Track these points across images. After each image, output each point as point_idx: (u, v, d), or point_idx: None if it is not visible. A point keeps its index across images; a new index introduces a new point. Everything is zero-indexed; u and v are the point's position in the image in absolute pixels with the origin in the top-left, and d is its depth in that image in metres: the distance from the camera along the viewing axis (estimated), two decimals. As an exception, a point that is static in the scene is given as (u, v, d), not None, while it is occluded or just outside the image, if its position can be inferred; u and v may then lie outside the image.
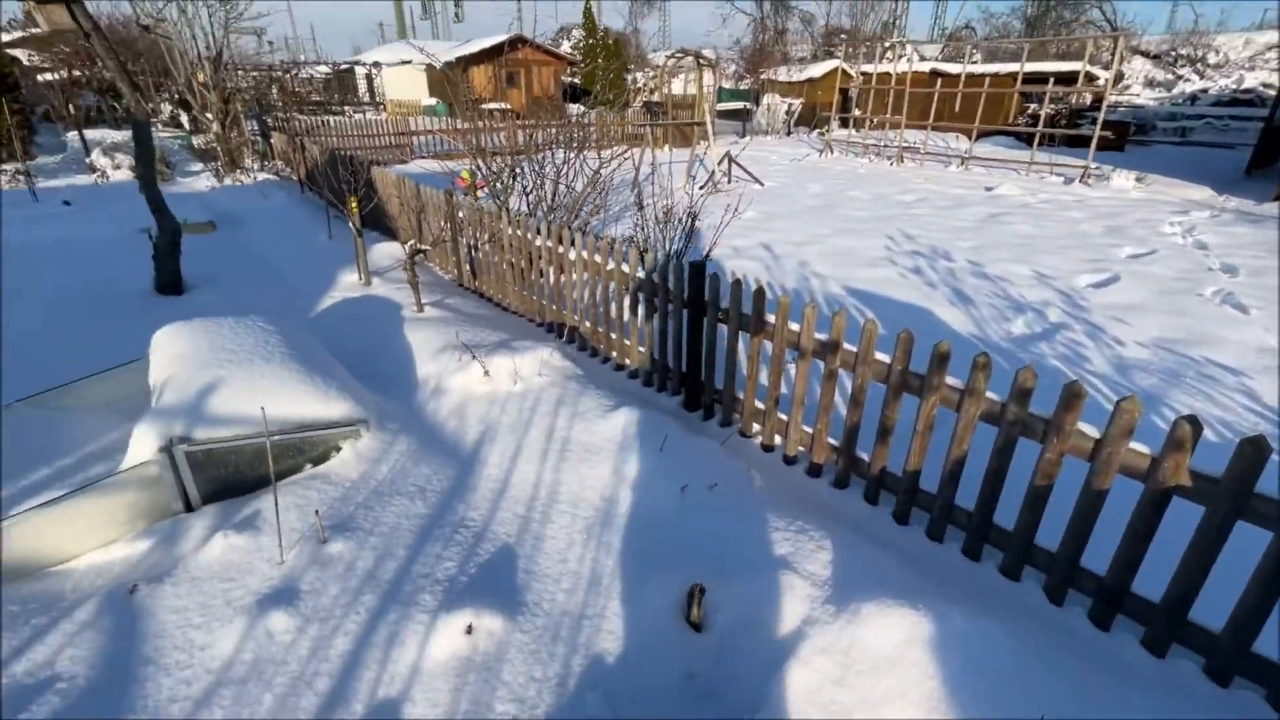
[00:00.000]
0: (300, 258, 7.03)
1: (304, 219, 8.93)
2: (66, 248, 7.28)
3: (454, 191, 5.99)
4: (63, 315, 5.23)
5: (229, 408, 3.00)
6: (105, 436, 3.30)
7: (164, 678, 2.07)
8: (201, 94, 12.37)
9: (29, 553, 2.58)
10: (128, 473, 2.73)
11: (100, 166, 11.71)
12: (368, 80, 34.49)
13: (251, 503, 2.91)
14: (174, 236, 5.43)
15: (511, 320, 5.28)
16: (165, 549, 2.66)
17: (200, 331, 3.55)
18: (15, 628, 2.26)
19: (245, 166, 12.82)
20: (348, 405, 3.33)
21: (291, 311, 5.29)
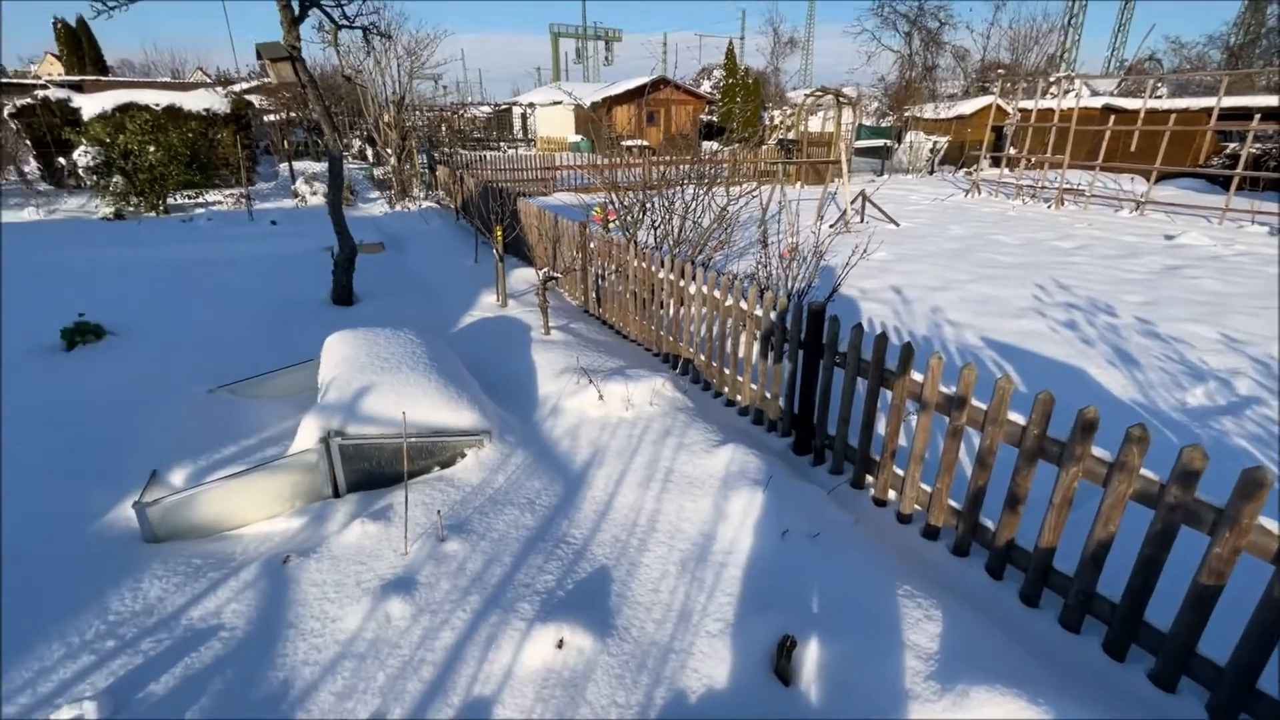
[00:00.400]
0: (449, 278, 7.77)
1: (456, 243, 9.87)
2: (270, 261, 8.60)
3: (587, 223, 6.36)
4: (261, 317, 6.17)
5: (377, 409, 3.38)
6: (281, 423, 3.85)
7: (300, 641, 2.35)
8: (385, 132, 14.21)
9: (213, 516, 3.06)
10: (293, 457, 3.16)
11: (301, 192, 13.79)
12: (522, 119, 37.59)
13: (386, 496, 3.24)
14: (350, 255, 6.26)
15: (629, 348, 5.46)
16: (314, 528, 3.04)
17: (361, 339, 4.04)
18: (197, 577, 2.68)
19: (413, 195, 14.46)
20: (475, 416, 3.62)
21: (437, 326, 5.86)
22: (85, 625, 2.41)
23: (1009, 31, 35.55)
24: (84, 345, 5.08)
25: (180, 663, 2.24)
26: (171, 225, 11.04)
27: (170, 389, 4.23)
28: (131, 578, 2.67)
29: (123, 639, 2.35)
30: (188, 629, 2.41)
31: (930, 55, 33.57)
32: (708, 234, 6.59)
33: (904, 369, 2.87)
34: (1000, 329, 5.91)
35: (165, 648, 2.31)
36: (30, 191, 14.09)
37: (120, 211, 11.55)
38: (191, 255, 8.85)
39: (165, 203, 12.09)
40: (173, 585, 2.63)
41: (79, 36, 29.98)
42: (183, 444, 3.57)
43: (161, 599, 2.56)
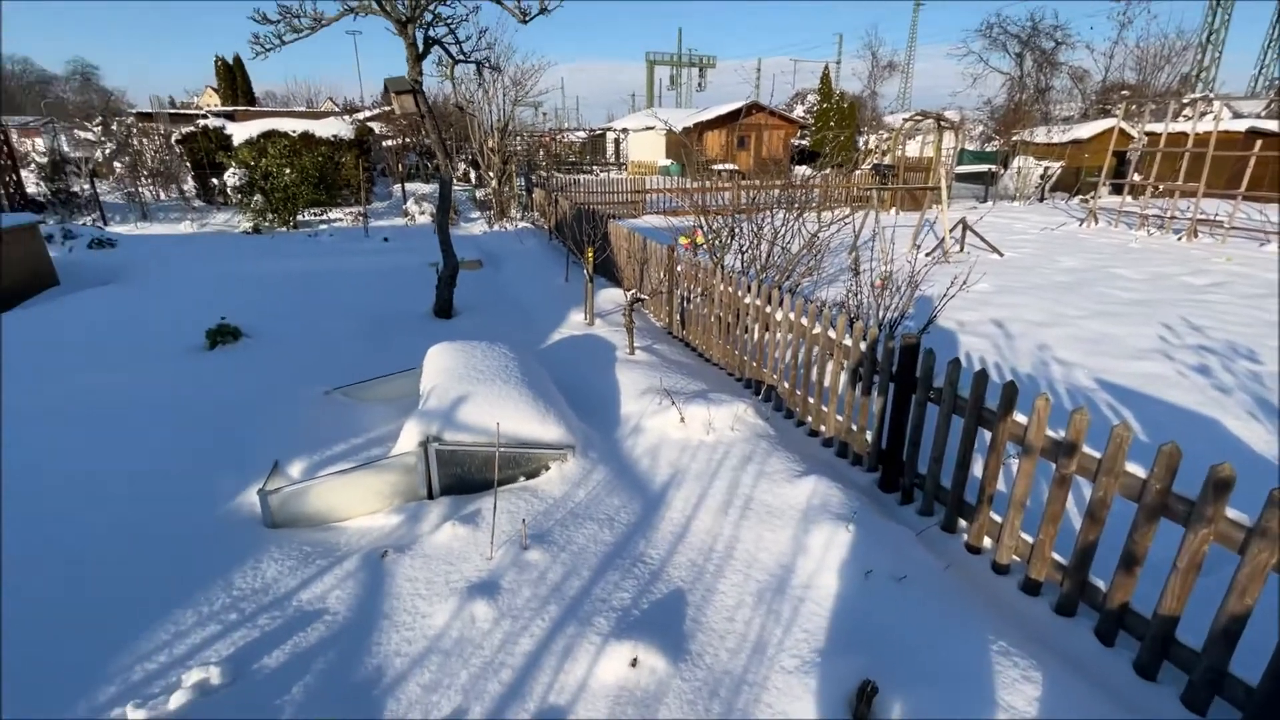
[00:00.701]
0: (540, 296, 8.10)
1: (548, 263, 10.28)
2: (381, 274, 9.32)
3: (675, 246, 6.46)
4: (372, 326, 6.68)
5: (472, 418, 3.58)
6: (385, 425, 4.14)
7: (394, 632, 2.51)
8: (489, 156, 15.09)
9: (323, 508, 3.33)
10: (394, 459, 3.40)
11: (410, 212, 14.86)
12: (615, 144, 38.72)
13: (475, 501, 3.41)
14: (453, 272, 6.68)
15: (712, 371, 5.47)
16: (409, 526, 3.24)
17: (460, 351, 4.30)
18: (307, 563, 2.93)
19: (510, 216, 15.22)
20: (561, 431, 3.75)
21: (528, 341, 6.12)
22: (214, 597, 2.69)
23: (1136, 50, 32.91)
24: (223, 346, 5.71)
25: (290, 640, 2.46)
26: (299, 240, 12.21)
27: (292, 388, 4.66)
28: (253, 558, 2.95)
29: (243, 613, 2.61)
30: (297, 610, 2.63)
31: (1044, 77, 31.68)
32: (796, 260, 6.52)
33: (1007, 409, 2.72)
34: (1117, 371, 5.44)
35: (278, 625, 2.54)
36: (187, 207, 16.03)
37: (258, 226, 12.92)
38: (314, 267, 9.74)
39: (295, 219, 13.40)
40: (286, 569, 2.89)
41: (234, 72, 33.98)
42: (300, 438, 3.92)
43: (276, 580, 2.81)
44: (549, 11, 5.44)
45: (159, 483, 3.57)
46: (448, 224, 6.67)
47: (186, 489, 3.51)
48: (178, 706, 2.12)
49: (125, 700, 2.15)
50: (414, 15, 5.47)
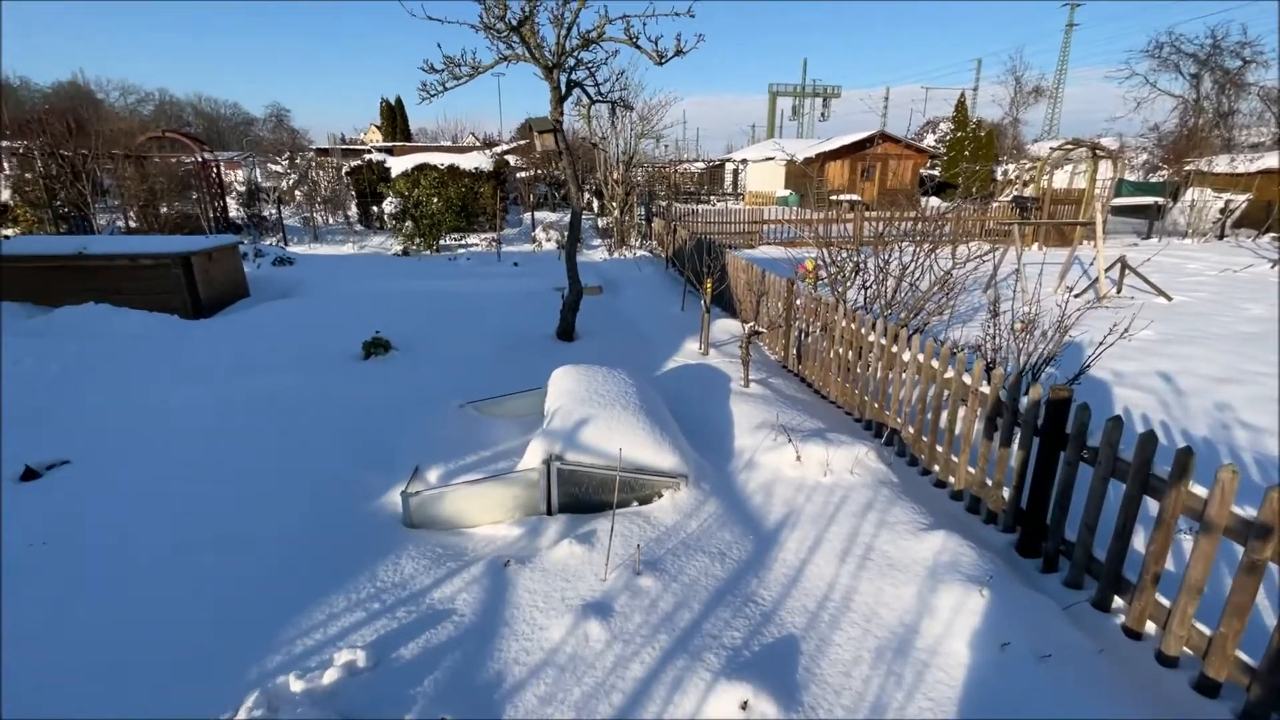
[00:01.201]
0: (657, 323, 8.29)
1: (665, 291, 10.51)
2: (510, 297, 9.99)
3: (795, 279, 6.38)
4: (501, 345, 7.17)
5: (591, 440, 3.73)
6: (511, 440, 4.41)
7: (513, 641, 2.65)
8: (613, 187, 15.77)
9: (454, 514, 3.60)
10: (519, 473, 3.61)
11: (538, 239, 15.83)
12: (734, 174, 38.96)
13: (590, 521, 3.53)
14: (577, 298, 7.03)
15: (829, 410, 5.30)
16: (529, 539, 3.42)
17: (582, 375, 4.50)
18: (439, 564, 3.17)
19: (630, 244, 15.75)
20: (675, 459, 3.80)
21: (643, 367, 6.28)
22: (361, 586, 2.98)
23: (1353, 65, 28.10)
24: (376, 356, 6.37)
25: (423, 635, 2.67)
26: (440, 262, 13.39)
27: (432, 399, 5.10)
28: (393, 554, 3.24)
29: (384, 604, 2.87)
30: (429, 607, 2.86)
31: (1226, 99, 27.96)
32: (926, 297, 6.19)
33: (1180, 477, 2.41)
34: (1326, 442, 4.62)
35: (413, 619, 2.77)
36: (350, 230, 18.11)
37: (407, 249, 14.35)
38: (453, 288, 10.63)
39: (438, 243, 14.74)
40: (421, 567, 3.15)
41: (395, 111, 38.20)
42: (437, 446, 4.27)
43: (412, 577, 3.07)
44: (685, 53, 5.67)
45: (322, 477, 4.04)
46: (575, 252, 7.05)
47: (343, 484, 3.94)
48: (330, 682, 2.37)
49: (288, 669, 2.44)
50: (559, 61, 5.92)
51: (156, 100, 53.70)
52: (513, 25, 5.52)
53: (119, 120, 20.22)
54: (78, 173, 13.11)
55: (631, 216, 16.68)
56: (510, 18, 5.48)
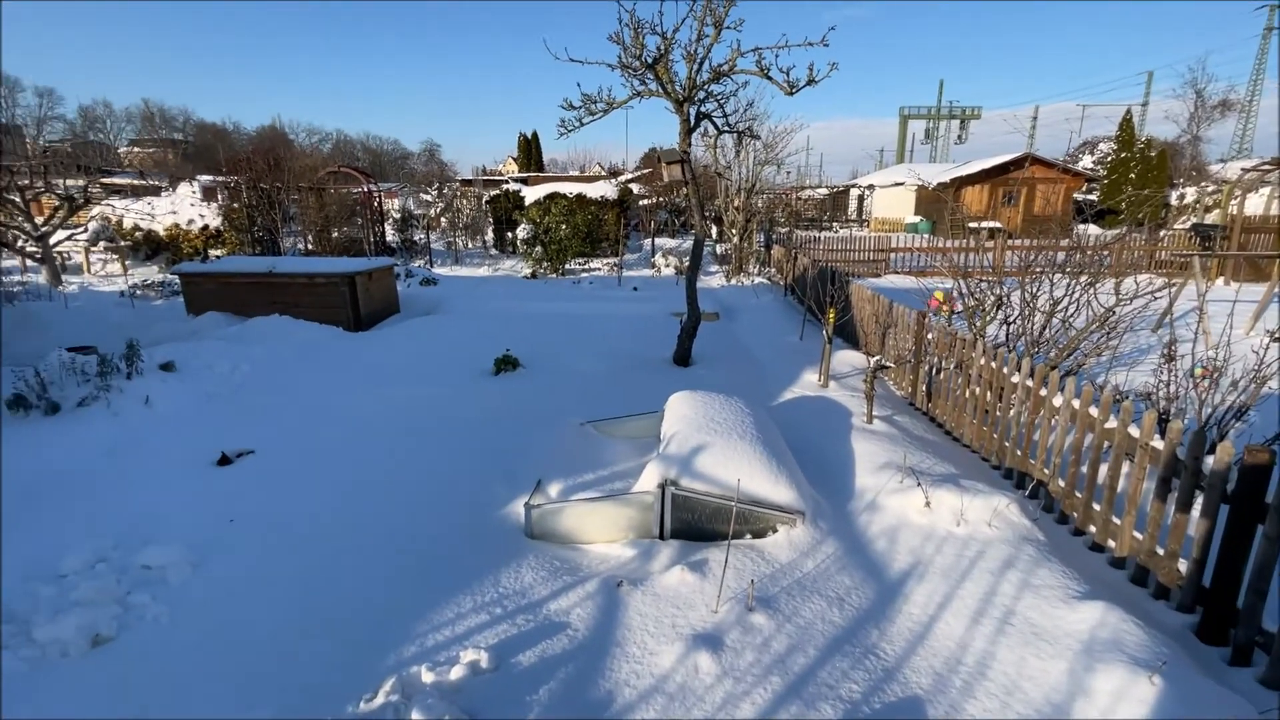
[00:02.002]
0: (774, 351, 8.14)
1: (782, 319, 10.32)
2: (629, 320, 10.28)
3: (926, 312, 6.02)
4: (619, 367, 7.38)
5: (706, 467, 3.73)
6: (627, 461, 4.51)
7: (624, 662, 2.69)
8: (733, 214, 15.82)
9: (571, 529, 3.73)
10: (635, 495, 3.68)
11: (657, 264, 16.19)
12: (859, 200, 37.64)
13: (702, 550, 3.51)
14: (695, 324, 7.10)
15: (961, 453, 4.91)
16: (641, 562, 3.46)
17: (700, 401, 4.52)
18: (556, 577, 3.30)
19: (748, 270, 15.67)
20: (792, 494, 3.70)
21: (759, 396, 6.18)
22: (485, 590, 3.17)
23: None
24: (505, 373, 6.81)
25: (540, 644, 2.78)
26: (565, 285, 14.09)
27: (553, 415, 5.35)
28: (515, 562, 3.42)
29: (505, 610, 3.03)
30: (546, 618, 2.98)
31: None
32: (1082, 336, 5.58)
33: None
34: None
35: (531, 628, 2.90)
36: (486, 254, 19.58)
37: (535, 272, 15.26)
38: (576, 310, 11.13)
39: (564, 268, 15.53)
40: (539, 578, 3.29)
41: (531, 144, 41.01)
42: (558, 462, 4.47)
43: (531, 587, 3.22)
44: (816, 82, 5.63)
45: (455, 482, 4.36)
46: (695, 279, 7.13)
47: (473, 491, 4.23)
48: (456, 679, 2.53)
49: (421, 661, 2.64)
50: (689, 95, 6.10)
51: (334, 139, 61.67)
52: (648, 63, 5.78)
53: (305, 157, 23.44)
54: (272, 202, 15.34)
55: (750, 243, 16.60)
56: (646, 56, 5.75)
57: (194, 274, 9.51)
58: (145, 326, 8.81)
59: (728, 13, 5.90)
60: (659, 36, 5.75)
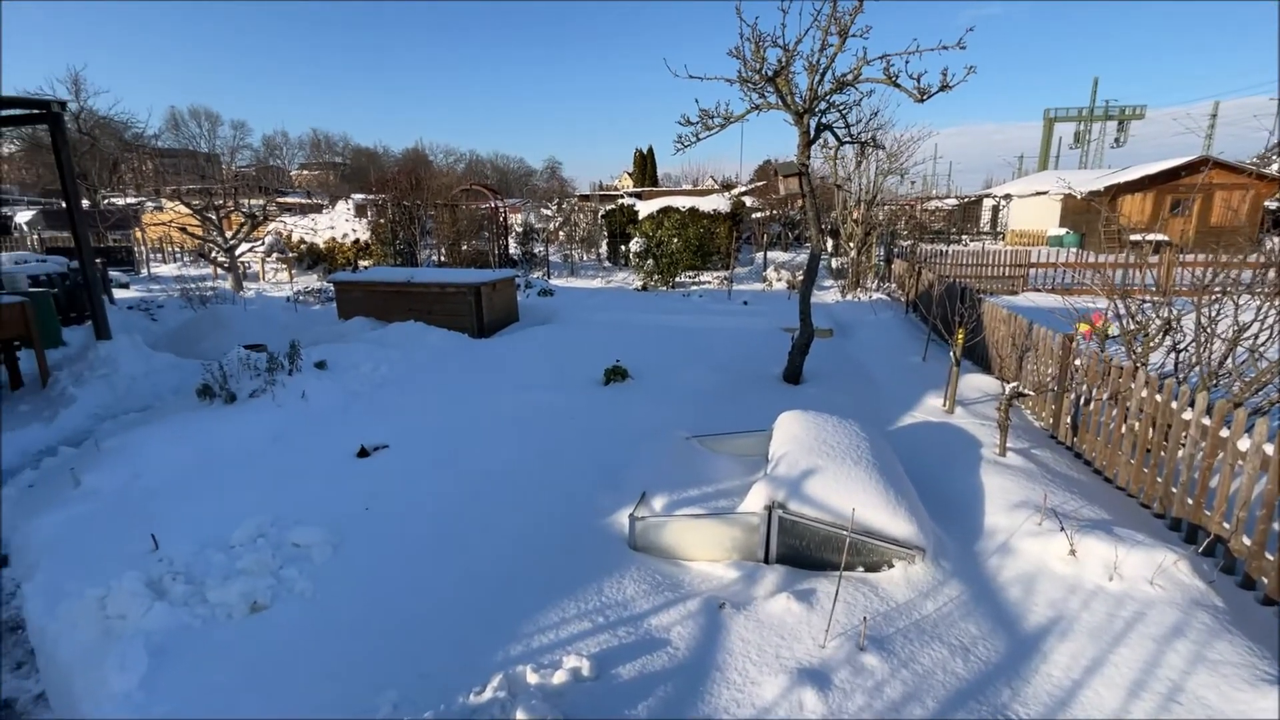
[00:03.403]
0: (892, 372, 7.68)
1: (902, 337, 9.72)
2: (738, 334, 10.16)
3: (1074, 335, 5.41)
4: (726, 382, 7.29)
5: (817, 492, 3.57)
6: (732, 479, 4.44)
7: (724, 688, 2.62)
8: (852, 227, 15.19)
9: (673, 544, 3.71)
10: (740, 515, 3.60)
11: (769, 278, 15.88)
12: (993, 211, 34.80)
13: (810, 579, 3.36)
14: (808, 340, 6.86)
15: (1114, 496, 4.35)
16: (745, 585, 3.37)
17: (811, 422, 4.35)
18: (657, 592, 3.29)
19: (866, 286, 14.95)
20: (911, 528, 3.44)
21: (875, 419, 5.84)
22: (588, 598, 3.23)
23: None
24: (615, 383, 6.95)
25: (640, 658, 2.78)
26: (675, 298, 14.19)
27: (659, 428, 5.38)
28: (617, 573, 3.46)
29: (607, 620, 3.06)
30: (647, 633, 2.97)
31: None
32: (1276, 369, 4.75)
33: None
34: None
35: (632, 641, 2.91)
36: (599, 266, 20.21)
37: (646, 285, 15.51)
38: (685, 323, 11.17)
39: (674, 280, 15.66)
40: (641, 591, 3.30)
41: (646, 159, 41.92)
42: (662, 475, 4.47)
43: (633, 599, 3.23)
44: (951, 88, 5.26)
45: (564, 488, 4.50)
46: (810, 294, 6.90)
47: (580, 497, 4.34)
48: (559, 683, 2.59)
49: (526, 661, 2.74)
50: (810, 106, 5.94)
51: (467, 159, 66.76)
52: (768, 76, 5.70)
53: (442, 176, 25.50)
54: (413, 218, 16.81)
55: (869, 257, 15.83)
56: (767, 70, 5.68)
57: (345, 282, 10.62)
58: (305, 328, 9.95)
59: (854, 20, 5.70)
60: (780, 49, 5.66)
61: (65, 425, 6.23)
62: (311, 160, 64.01)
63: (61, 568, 3.49)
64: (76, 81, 19.64)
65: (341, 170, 59.17)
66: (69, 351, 8.37)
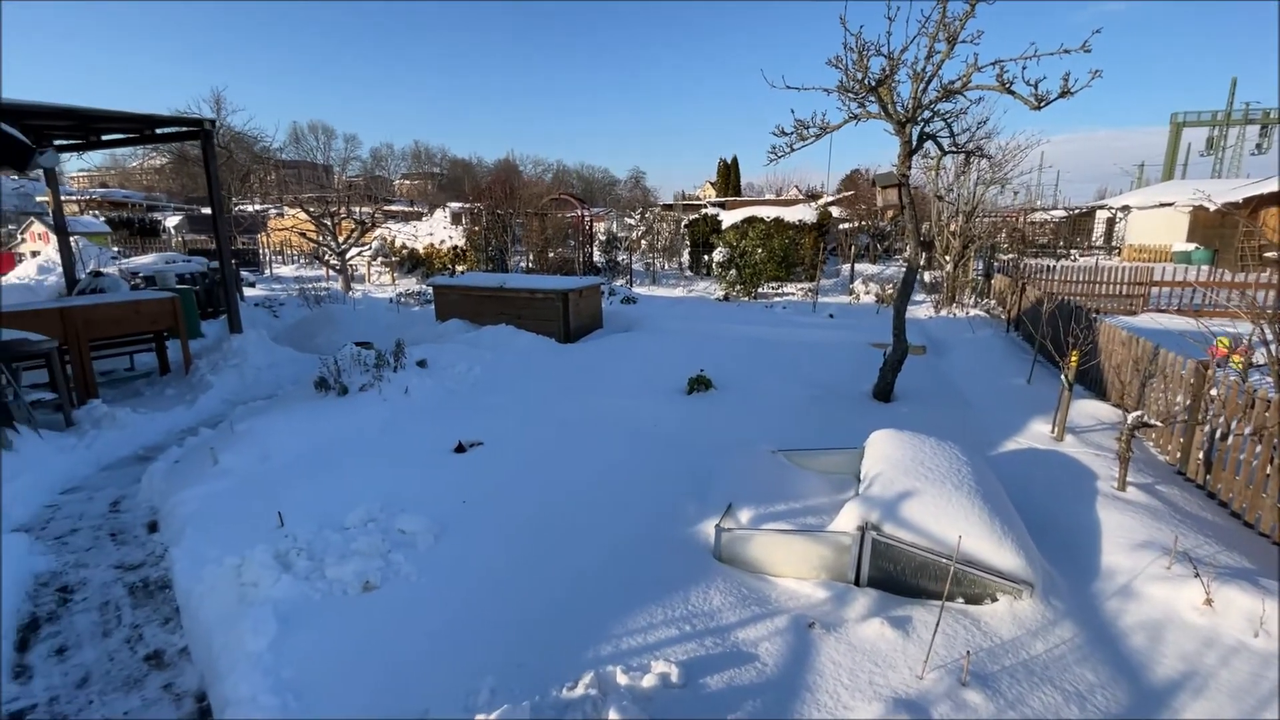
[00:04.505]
0: (992, 394, 7.25)
1: (1005, 358, 9.14)
2: (823, 348, 9.91)
3: (1209, 362, 4.91)
4: (811, 396, 7.14)
5: (914, 516, 3.43)
6: (820, 497, 4.34)
7: (814, 710, 2.57)
8: (948, 240, 14.48)
9: (759, 558, 3.68)
10: (831, 534, 3.51)
11: (856, 291, 15.39)
12: (1108, 224, 32.13)
13: (905, 606, 3.23)
14: (901, 357, 6.61)
15: (1257, 544, 3.90)
16: (835, 606, 3.28)
17: (907, 442, 4.19)
18: (744, 605, 3.27)
19: (961, 301, 14.18)
20: (1018, 561, 3.24)
21: (974, 443, 5.53)
22: (674, 605, 3.25)
23: None
24: (698, 392, 6.96)
25: (728, 670, 2.78)
26: (758, 309, 14.04)
27: (744, 439, 5.33)
28: (703, 583, 3.46)
29: (694, 628, 3.08)
30: (734, 645, 2.96)
31: None
32: None
33: None
34: None
35: (720, 652, 2.90)
36: (680, 275, 20.29)
37: (727, 295, 15.44)
38: (768, 335, 11.02)
39: (756, 291, 15.49)
40: (727, 603, 3.29)
41: (730, 169, 41.76)
42: (747, 487, 4.43)
43: (719, 610, 3.23)
44: (1073, 94, 4.93)
45: (649, 493, 4.56)
46: (904, 309, 6.65)
47: (666, 504, 4.39)
48: (648, 686, 2.63)
49: (615, 662, 2.80)
50: (913, 115, 5.74)
51: (554, 169, 68.92)
52: (871, 86, 5.56)
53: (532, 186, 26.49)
54: (505, 225, 17.57)
55: (966, 272, 15.01)
56: (869, 79, 5.54)
57: (443, 286, 11.23)
58: (405, 327, 10.61)
59: (964, 25, 5.46)
60: (884, 58, 5.51)
61: (203, 409, 6.96)
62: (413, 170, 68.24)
63: (203, 536, 3.90)
64: (218, 101, 21.93)
65: (439, 180, 62.69)
66: (205, 343, 9.35)
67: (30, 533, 4.33)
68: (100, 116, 7.28)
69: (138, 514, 4.71)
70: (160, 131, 8.46)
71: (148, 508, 4.79)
